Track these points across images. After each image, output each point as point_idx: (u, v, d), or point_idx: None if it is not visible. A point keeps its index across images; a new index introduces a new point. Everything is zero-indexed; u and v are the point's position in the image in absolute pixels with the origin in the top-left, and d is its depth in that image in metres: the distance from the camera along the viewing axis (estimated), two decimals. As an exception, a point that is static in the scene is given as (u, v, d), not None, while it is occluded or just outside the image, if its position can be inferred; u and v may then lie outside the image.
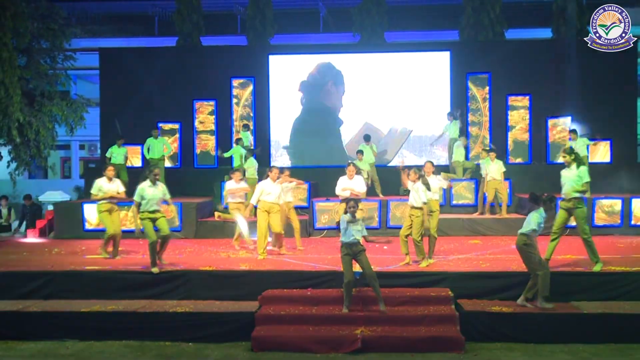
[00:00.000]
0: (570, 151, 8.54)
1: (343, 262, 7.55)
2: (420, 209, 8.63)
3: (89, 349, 7.26)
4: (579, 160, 8.46)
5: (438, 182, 9.29)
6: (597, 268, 8.21)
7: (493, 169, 12.39)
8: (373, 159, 13.64)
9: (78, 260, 9.51)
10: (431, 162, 9.36)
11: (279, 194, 9.51)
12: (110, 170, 9.66)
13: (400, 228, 12.09)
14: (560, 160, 8.57)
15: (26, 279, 8.55)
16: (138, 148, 14.69)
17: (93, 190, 9.65)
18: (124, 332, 7.55)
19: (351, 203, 7.67)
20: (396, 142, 15.56)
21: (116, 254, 9.69)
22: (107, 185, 9.59)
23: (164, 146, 13.87)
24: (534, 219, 7.46)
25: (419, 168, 9.01)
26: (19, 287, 8.48)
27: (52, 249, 10.86)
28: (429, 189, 8.71)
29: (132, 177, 13.14)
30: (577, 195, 8.30)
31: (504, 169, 12.43)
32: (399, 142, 15.55)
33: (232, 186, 10.46)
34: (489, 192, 12.51)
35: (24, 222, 14.08)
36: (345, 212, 7.63)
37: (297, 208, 12.94)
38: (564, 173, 8.42)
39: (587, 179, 8.39)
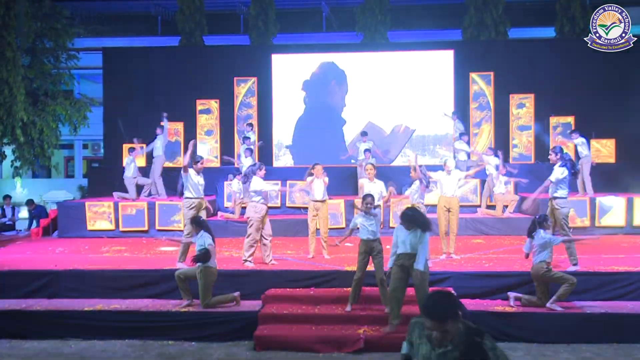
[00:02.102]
0: (559, 150, 8.56)
1: (359, 259, 7.49)
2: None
3: (92, 348, 7.28)
4: (562, 159, 8.45)
5: (457, 178, 9.30)
6: (572, 268, 8.22)
7: (489, 167, 12.76)
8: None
9: (81, 260, 9.54)
10: (451, 160, 9.66)
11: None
12: (202, 163, 9.04)
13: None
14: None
15: (30, 278, 8.57)
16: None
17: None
18: (126, 331, 7.56)
19: (368, 199, 7.48)
20: (399, 141, 15.55)
21: (183, 259, 8.83)
22: (197, 177, 8.93)
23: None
24: (542, 242, 7.48)
25: (420, 166, 9.10)
26: (23, 286, 8.51)
27: (56, 248, 10.89)
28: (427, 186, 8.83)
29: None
30: (556, 195, 8.32)
31: (496, 162, 12.64)
32: (402, 141, 15.54)
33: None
34: (486, 188, 12.78)
35: (33, 223, 14.14)
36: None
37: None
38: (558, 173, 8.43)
39: (553, 177, 8.34)
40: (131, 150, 13.25)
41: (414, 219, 6.82)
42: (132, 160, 12.93)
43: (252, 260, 8.80)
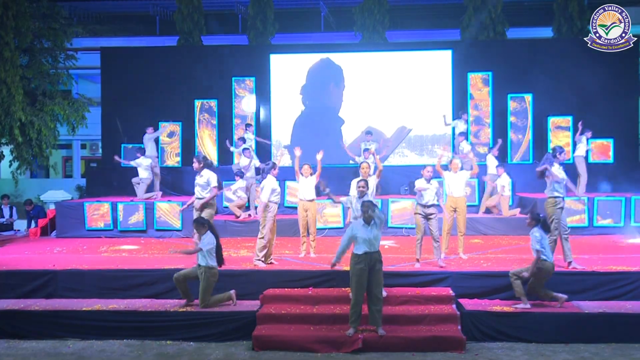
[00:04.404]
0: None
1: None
2: (420, 206, 8.64)
3: (90, 348, 7.29)
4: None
5: (464, 178, 9.35)
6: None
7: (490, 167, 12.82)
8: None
9: (80, 259, 9.53)
10: (459, 159, 9.63)
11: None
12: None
13: (400, 228, 12.30)
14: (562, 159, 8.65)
15: (28, 278, 8.58)
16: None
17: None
18: (125, 331, 7.57)
19: (361, 183, 7.29)
20: (394, 140, 15.52)
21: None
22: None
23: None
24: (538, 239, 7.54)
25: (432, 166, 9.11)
26: (21, 286, 8.52)
27: (54, 248, 10.88)
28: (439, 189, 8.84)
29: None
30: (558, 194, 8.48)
31: (495, 163, 12.68)
32: (397, 140, 15.52)
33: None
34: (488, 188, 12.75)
35: (31, 224, 14.10)
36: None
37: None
38: (561, 171, 8.47)
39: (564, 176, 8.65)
40: (137, 150, 13.22)
41: (373, 210, 6.93)
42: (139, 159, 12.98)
43: (263, 260, 8.81)
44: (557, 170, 8.44)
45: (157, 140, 14.38)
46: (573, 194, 11.71)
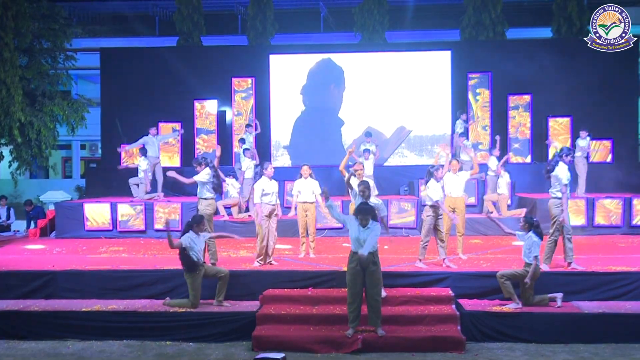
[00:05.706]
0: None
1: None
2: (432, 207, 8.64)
3: (89, 348, 7.28)
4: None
5: (464, 179, 9.35)
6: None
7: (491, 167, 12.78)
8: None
9: (79, 260, 9.52)
10: (457, 160, 9.61)
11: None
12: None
13: (400, 228, 12.29)
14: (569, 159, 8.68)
15: (27, 279, 8.57)
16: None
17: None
18: (124, 331, 7.56)
19: (361, 187, 7.38)
20: (395, 141, 15.53)
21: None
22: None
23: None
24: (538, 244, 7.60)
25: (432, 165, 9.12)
26: (21, 286, 8.50)
27: (53, 249, 10.87)
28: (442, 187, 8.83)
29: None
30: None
31: (497, 163, 12.63)
32: (398, 141, 15.52)
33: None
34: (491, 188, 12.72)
35: (31, 224, 14.08)
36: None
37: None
38: (566, 171, 8.49)
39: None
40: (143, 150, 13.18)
41: (372, 212, 6.90)
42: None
43: (259, 260, 8.83)
44: (561, 169, 8.41)
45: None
46: (573, 194, 11.71)
